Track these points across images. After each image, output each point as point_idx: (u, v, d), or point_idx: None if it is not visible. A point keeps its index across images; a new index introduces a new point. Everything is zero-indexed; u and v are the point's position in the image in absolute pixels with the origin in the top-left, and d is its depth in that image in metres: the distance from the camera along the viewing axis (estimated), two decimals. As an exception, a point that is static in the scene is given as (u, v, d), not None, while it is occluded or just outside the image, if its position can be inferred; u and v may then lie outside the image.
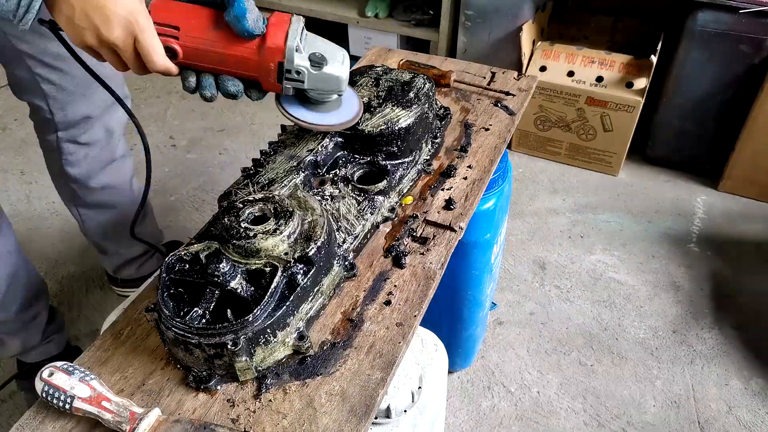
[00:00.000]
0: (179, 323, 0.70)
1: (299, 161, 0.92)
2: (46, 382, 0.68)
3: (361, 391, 0.72)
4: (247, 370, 0.72)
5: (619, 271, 1.94)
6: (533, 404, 1.58)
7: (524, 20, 2.20)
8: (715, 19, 1.93)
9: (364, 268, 0.88)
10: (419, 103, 1.03)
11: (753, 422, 1.53)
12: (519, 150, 2.44)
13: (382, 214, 0.95)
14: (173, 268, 0.76)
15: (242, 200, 0.80)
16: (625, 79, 2.13)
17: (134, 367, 0.76)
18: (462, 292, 1.38)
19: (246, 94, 0.85)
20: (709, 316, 1.79)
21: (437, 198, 1.01)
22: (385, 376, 0.74)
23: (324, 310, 0.82)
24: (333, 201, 0.91)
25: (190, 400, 0.72)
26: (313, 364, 0.75)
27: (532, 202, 2.21)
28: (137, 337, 0.80)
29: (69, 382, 0.67)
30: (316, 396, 0.72)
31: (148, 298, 0.85)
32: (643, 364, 1.67)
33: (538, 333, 1.75)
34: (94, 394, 0.67)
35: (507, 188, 1.33)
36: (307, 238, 0.77)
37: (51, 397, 0.67)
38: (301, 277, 0.76)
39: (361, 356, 0.76)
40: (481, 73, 1.35)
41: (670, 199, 2.21)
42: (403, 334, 0.79)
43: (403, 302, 0.83)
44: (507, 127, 1.18)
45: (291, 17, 0.82)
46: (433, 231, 0.95)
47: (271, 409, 0.71)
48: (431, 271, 0.88)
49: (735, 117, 2.10)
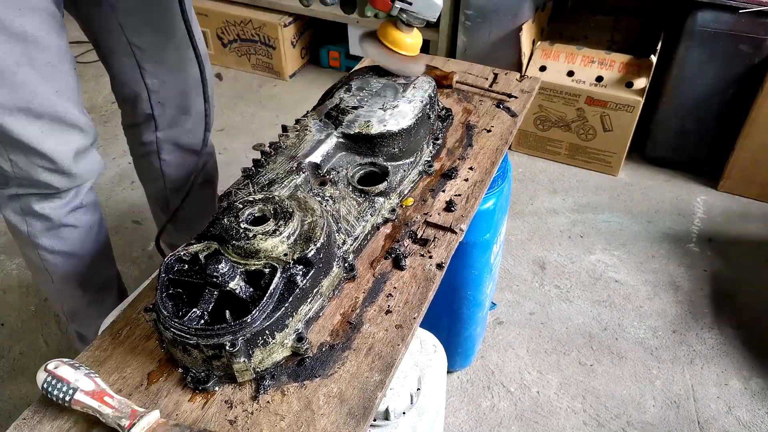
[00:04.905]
0: (177, 324, 0.70)
1: (299, 162, 0.91)
2: (50, 373, 0.68)
3: (359, 393, 0.72)
4: (246, 372, 0.72)
5: (619, 271, 1.94)
6: (533, 404, 1.58)
7: (524, 20, 2.20)
8: (715, 19, 1.93)
9: (363, 269, 0.88)
10: (420, 104, 1.02)
11: (753, 422, 1.53)
12: (519, 150, 2.44)
13: (383, 216, 0.95)
14: (172, 269, 0.76)
15: (242, 201, 0.80)
16: (624, 79, 2.13)
17: (132, 368, 0.76)
18: (461, 292, 1.38)
19: None
20: (709, 316, 1.79)
21: (438, 199, 1.00)
22: (384, 378, 0.74)
23: (323, 311, 0.82)
24: (333, 202, 0.91)
25: (187, 401, 0.72)
26: (311, 366, 0.75)
27: (531, 202, 2.21)
28: (136, 337, 0.80)
29: (74, 375, 0.68)
30: (315, 398, 0.72)
31: (147, 299, 0.85)
32: (643, 364, 1.67)
33: (538, 333, 1.75)
34: (97, 389, 0.68)
35: (507, 188, 1.33)
36: (306, 239, 0.77)
37: (52, 388, 0.67)
38: (300, 278, 0.75)
39: (359, 358, 0.76)
40: (483, 74, 1.34)
41: (670, 199, 2.21)
42: (402, 336, 0.79)
43: (402, 304, 0.83)
44: (509, 128, 1.18)
45: None
46: (433, 232, 0.94)
47: (269, 410, 0.71)
48: (431, 273, 0.88)
49: (735, 117, 2.10)
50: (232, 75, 2.93)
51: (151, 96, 1.32)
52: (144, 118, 1.36)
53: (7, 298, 1.88)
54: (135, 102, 1.33)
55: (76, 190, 1.19)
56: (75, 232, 1.25)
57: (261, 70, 2.93)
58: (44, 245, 1.23)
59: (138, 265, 1.96)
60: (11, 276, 1.94)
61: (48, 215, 1.18)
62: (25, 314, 1.83)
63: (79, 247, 1.28)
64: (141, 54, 1.25)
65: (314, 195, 0.90)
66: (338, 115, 1.00)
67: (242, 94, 2.81)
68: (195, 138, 1.43)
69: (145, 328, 0.81)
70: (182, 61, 1.28)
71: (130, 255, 2.01)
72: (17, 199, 1.17)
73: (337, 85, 1.11)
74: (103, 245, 1.36)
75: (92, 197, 1.27)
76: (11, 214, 1.20)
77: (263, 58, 2.87)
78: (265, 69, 2.91)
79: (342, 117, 1.00)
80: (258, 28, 2.79)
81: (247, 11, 2.79)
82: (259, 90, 2.84)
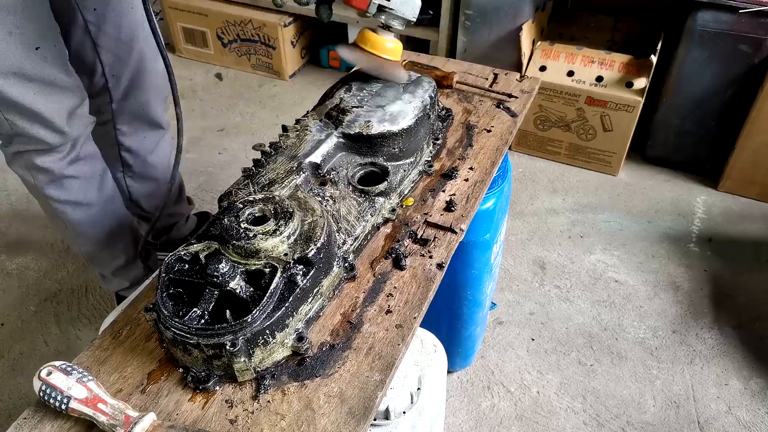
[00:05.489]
0: (178, 323, 0.70)
1: (300, 162, 0.91)
2: (44, 382, 0.68)
3: (359, 393, 0.72)
4: (246, 371, 0.72)
5: (619, 271, 1.94)
6: (533, 404, 1.58)
7: (524, 20, 2.20)
8: (715, 19, 1.93)
9: (364, 269, 0.88)
10: (420, 105, 1.02)
11: (753, 422, 1.53)
12: (519, 150, 2.44)
13: (383, 216, 0.95)
14: (173, 268, 0.76)
15: (242, 200, 0.80)
16: (624, 79, 2.13)
17: (133, 367, 0.76)
18: (461, 292, 1.38)
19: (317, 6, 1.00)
20: (709, 316, 1.79)
21: (438, 199, 1.00)
22: (384, 377, 0.74)
23: (323, 311, 0.82)
24: (333, 202, 0.91)
25: (188, 401, 0.72)
26: (312, 366, 0.75)
27: (532, 202, 2.21)
28: (136, 336, 0.80)
29: (66, 382, 0.67)
30: (315, 397, 0.72)
31: (147, 298, 0.85)
32: (643, 364, 1.67)
33: (538, 333, 1.75)
34: (90, 396, 0.67)
35: (507, 188, 1.33)
36: (307, 239, 0.77)
37: (48, 396, 0.67)
38: (301, 278, 0.75)
39: (360, 358, 0.76)
40: (483, 74, 1.34)
41: (670, 199, 2.21)
42: (402, 336, 0.79)
43: (402, 304, 0.83)
44: (509, 129, 1.18)
45: None
46: (433, 232, 0.94)
47: (269, 410, 0.71)
48: (431, 272, 0.88)
49: (735, 117, 2.10)
50: (232, 75, 2.93)
51: (105, 69, 1.39)
52: (99, 89, 1.43)
53: (7, 298, 1.88)
54: (91, 75, 1.40)
55: (71, 143, 1.29)
56: (78, 183, 1.36)
57: (261, 70, 2.93)
58: (51, 195, 1.34)
59: (138, 265, 1.96)
60: (11, 276, 1.94)
61: (49, 168, 1.29)
62: (25, 314, 1.83)
63: (83, 196, 1.38)
64: (96, 30, 1.32)
65: (314, 195, 0.90)
66: (338, 115, 1.00)
67: (242, 94, 2.81)
68: (150, 110, 1.52)
69: (146, 327, 0.81)
70: (136, 37, 1.36)
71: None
72: (21, 156, 1.29)
73: (338, 84, 1.11)
74: (109, 193, 1.46)
75: (90, 149, 1.37)
76: (18, 168, 1.33)
77: (263, 58, 2.87)
78: (265, 69, 2.91)
79: (342, 117, 1.00)
80: (258, 28, 2.79)
81: (247, 11, 2.79)
82: (259, 90, 2.84)
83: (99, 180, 1.41)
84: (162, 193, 1.68)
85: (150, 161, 1.60)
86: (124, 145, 1.55)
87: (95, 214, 1.43)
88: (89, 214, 1.42)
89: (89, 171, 1.37)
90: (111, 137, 1.53)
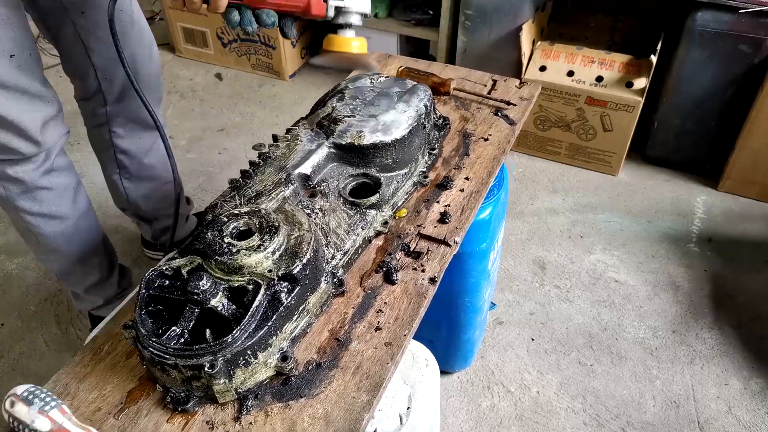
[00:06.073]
0: (155, 343, 0.68)
1: (289, 173, 0.88)
2: (8, 414, 0.66)
3: (345, 415, 0.70)
4: (226, 393, 0.70)
5: (619, 271, 1.94)
6: (533, 404, 1.58)
7: (524, 20, 2.20)
8: (715, 19, 1.93)
9: (353, 284, 0.85)
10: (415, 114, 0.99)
11: (753, 422, 1.53)
12: (519, 150, 2.44)
13: (374, 229, 0.91)
14: (153, 284, 0.73)
15: (227, 213, 0.77)
16: (624, 79, 2.13)
17: (113, 385, 0.74)
18: (459, 299, 1.37)
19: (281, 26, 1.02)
20: (709, 316, 1.79)
21: (432, 211, 0.97)
22: (372, 398, 0.71)
23: (310, 327, 0.79)
24: (323, 215, 0.88)
25: (167, 422, 0.70)
26: (297, 385, 0.73)
27: (531, 202, 2.21)
28: (117, 353, 0.77)
29: (29, 415, 0.65)
30: (299, 419, 0.69)
31: (130, 313, 0.82)
32: (643, 364, 1.67)
33: (538, 333, 1.75)
34: (54, 427, 0.65)
35: (503, 196, 1.30)
36: (292, 254, 0.74)
37: (16, 428, 0.65)
38: (285, 295, 0.72)
39: (347, 377, 0.73)
40: (482, 81, 1.31)
41: (670, 199, 2.21)
42: (391, 354, 0.76)
43: (392, 320, 0.80)
44: (507, 137, 1.15)
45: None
46: (427, 245, 0.91)
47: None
48: (423, 287, 0.84)
49: (735, 117, 2.10)
50: (232, 75, 2.93)
51: (98, 73, 1.38)
52: (93, 92, 1.43)
53: (7, 298, 1.88)
54: (83, 78, 1.40)
55: (45, 154, 1.26)
56: (51, 194, 1.32)
57: (261, 70, 2.92)
58: (23, 207, 1.30)
59: (138, 265, 1.96)
60: (11, 276, 1.94)
61: (22, 178, 1.25)
62: (25, 314, 1.83)
63: (56, 209, 1.34)
64: (86, 34, 1.31)
65: (303, 207, 0.87)
66: (330, 125, 0.97)
67: (242, 94, 2.81)
68: (144, 112, 1.50)
69: (127, 344, 0.78)
70: (127, 40, 1.34)
71: (131, 254, 2.01)
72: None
73: (330, 93, 1.08)
74: (83, 207, 1.42)
75: (64, 161, 1.34)
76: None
77: (263, 58, 2.87)
78: (265, 69, 2.91)
79: (334, 126, 0.96)
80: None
81: (247, 11, 2.79)
82: (259, 90, 2.84)
83: (73, 193, 1.37)
84: (160, 194, 1.68)
85: (146, 162, 1.59)
86: (119, 147, 1.54)
87: (68, 228, 1.39)
88: (62, 228, 1.38)
89: (63, 183, 1.34)
90: (106, 140, 1.53)
